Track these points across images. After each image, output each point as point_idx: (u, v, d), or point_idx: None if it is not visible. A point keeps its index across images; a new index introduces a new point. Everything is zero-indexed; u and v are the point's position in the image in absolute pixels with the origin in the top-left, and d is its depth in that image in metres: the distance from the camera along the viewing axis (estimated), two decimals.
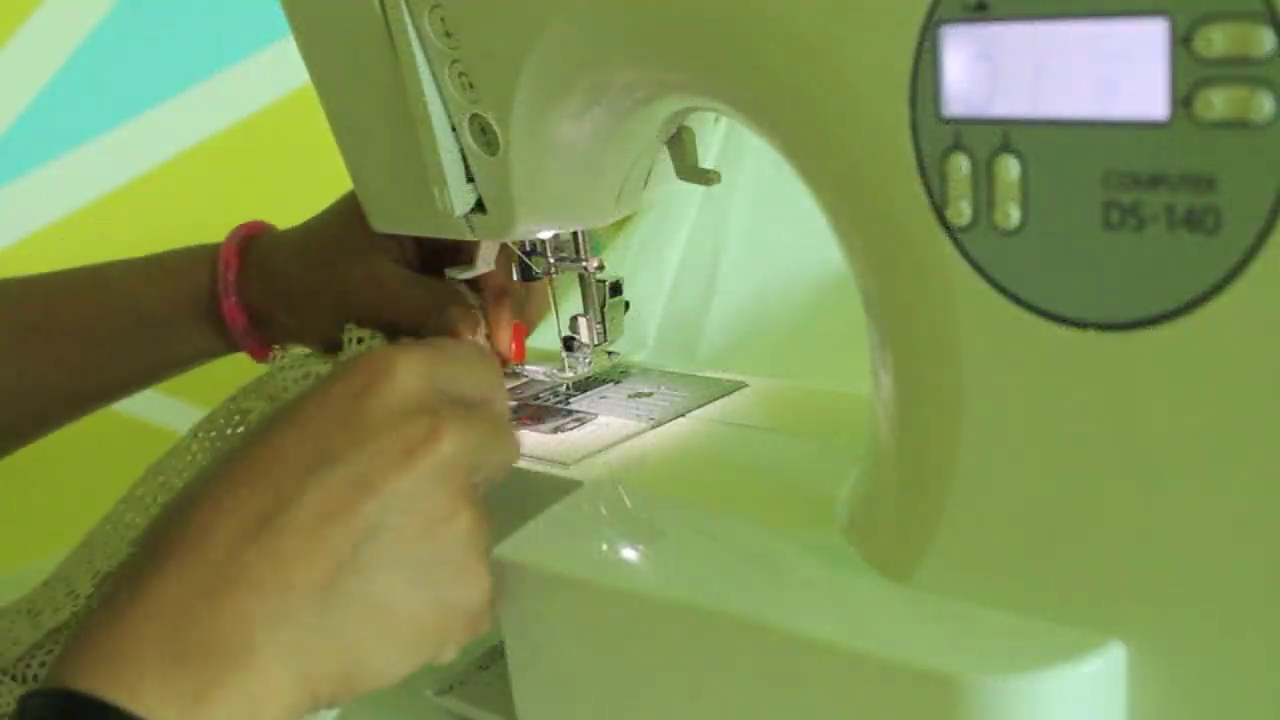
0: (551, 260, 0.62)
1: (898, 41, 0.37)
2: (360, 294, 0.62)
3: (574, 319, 0.63)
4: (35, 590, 0.61)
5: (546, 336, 0.68)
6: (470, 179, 0.54)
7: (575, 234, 0.61)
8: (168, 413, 1.05)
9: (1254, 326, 0.34)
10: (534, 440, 0.59)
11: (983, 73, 0.36)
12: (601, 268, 0.62)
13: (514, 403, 0.64)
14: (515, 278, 0.64)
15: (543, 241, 0.62)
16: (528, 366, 0.67)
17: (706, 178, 0.56)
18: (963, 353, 0.39)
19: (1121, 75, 0.34)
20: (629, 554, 0.49)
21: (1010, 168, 0.37)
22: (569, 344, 0.64)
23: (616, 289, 0.63)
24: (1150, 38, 0.33)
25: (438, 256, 0.65)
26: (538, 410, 0.63)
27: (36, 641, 0.59)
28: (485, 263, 0.62)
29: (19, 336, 0.68)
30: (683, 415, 0.60)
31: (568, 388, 0.65)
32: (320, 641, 0.41)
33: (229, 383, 0.71)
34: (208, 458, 0.61)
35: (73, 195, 1.08)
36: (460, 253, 0.64)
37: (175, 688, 0.38)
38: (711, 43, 0.43)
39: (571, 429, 0.60)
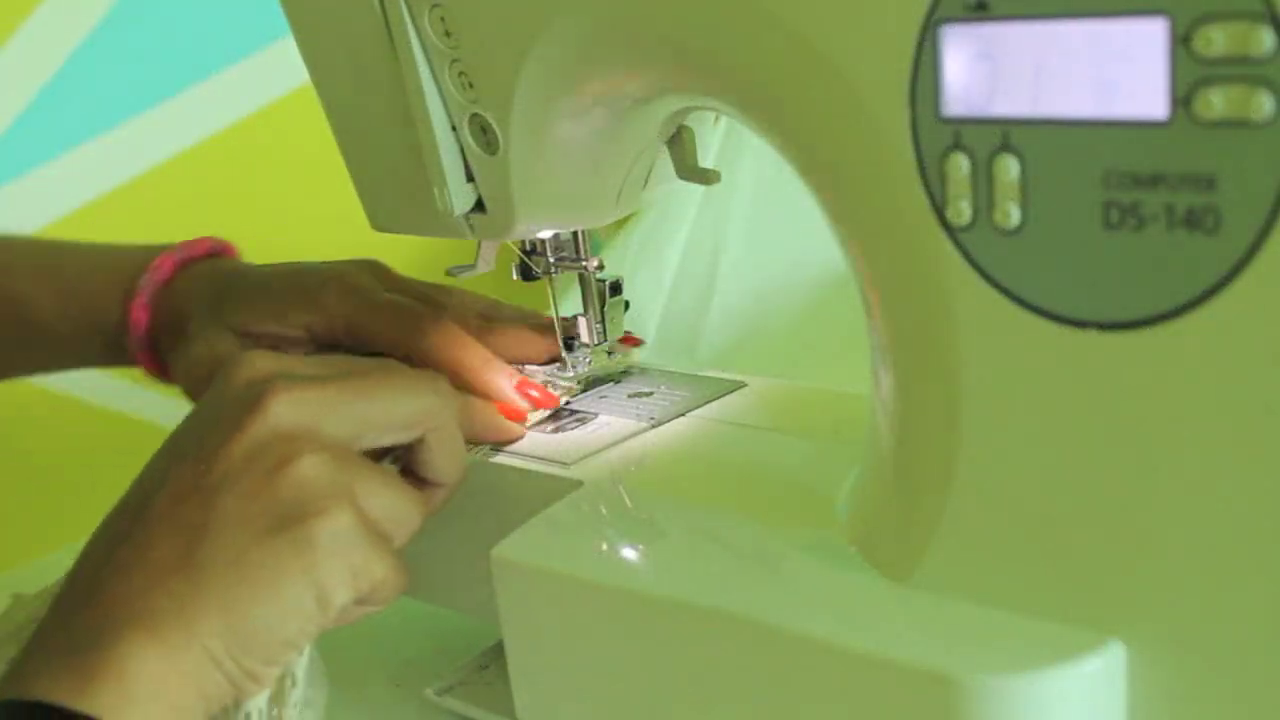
0: (551, 260, 0.62)
1: (898, 41, 0.37)
2: (334, 297, 0.63)
3: (574, 319, 0.63)
4: (38, 607, 0.61)
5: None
6: (470, 178, 0.54)
7: (575, 234, 0.61)
8: (169, 412, 1.05)
9: (1254, 326, 0.34)
10: (534, 440, 0.59)
11: (983, 72, 0.36)
12: (601, 267, 0.61)
13: None
14: (515, 278, 0.64)
15: (543, 241, 0.62)
16: (527, 366, 0.67)
17: (706, 177, 0.56)
18: (962, 353, 0.39)
19: (1121, 75, 0.34)
20: (629, 553, 0.49)
21: (1010, 167, 0.36)
22: (569, 344, 0.64)
23: (616, 289, 0.62)
24: (1150, 37, 0.33)
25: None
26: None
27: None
28: (485, 263, 0.62)
29: None
30: (683, 415, 0.60)
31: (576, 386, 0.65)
32: (196, 603, 0.44)
33: None
34: None
35: (72, 195, 1.08)
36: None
37: (65, 678, 0.42)
38: (711, 43, 0.43)
39: (572, 429, 0.60)
